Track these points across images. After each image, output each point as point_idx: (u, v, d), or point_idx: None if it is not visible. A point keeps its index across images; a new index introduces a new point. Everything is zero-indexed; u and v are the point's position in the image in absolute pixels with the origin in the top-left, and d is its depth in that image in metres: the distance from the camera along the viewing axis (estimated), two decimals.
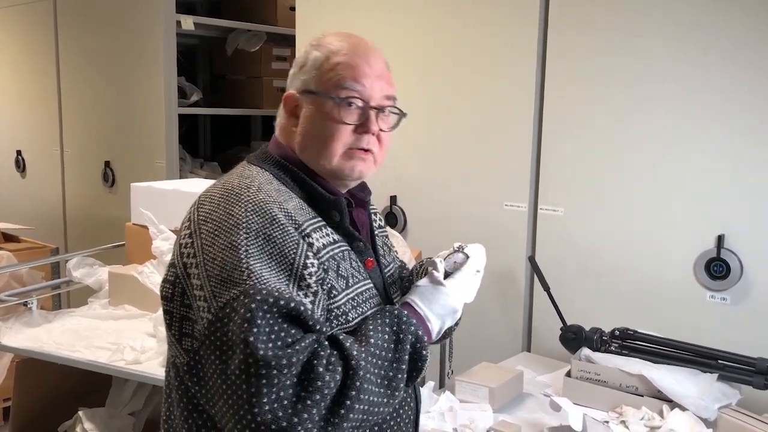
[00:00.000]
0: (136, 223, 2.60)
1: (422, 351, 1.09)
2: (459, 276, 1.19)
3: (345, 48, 1.17)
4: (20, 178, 4.44)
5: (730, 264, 1.93)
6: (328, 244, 1.12)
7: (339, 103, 1.14)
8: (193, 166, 3.88)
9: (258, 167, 1.17)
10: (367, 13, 2.61)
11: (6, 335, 2.18)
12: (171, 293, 1.10)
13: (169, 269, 1.12)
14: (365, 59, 1.17)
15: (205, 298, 1.03)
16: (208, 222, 1.08)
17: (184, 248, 1.09)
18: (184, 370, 1.07)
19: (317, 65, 1.17)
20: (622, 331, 1.88)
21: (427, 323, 1.14)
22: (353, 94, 1.15)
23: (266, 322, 0.96)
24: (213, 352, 1.00)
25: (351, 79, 1.15)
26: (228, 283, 1.00)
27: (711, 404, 1.68)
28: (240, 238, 1.02)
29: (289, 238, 1.05)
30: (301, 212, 1.11)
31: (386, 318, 1.09)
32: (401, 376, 1.05)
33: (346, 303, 1.11)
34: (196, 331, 1.05)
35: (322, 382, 0.96)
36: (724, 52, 1.91)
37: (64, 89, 4.00)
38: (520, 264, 2.32)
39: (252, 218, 1.05)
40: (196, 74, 4.21)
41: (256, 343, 0.94)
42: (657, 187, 2.05)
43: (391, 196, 2.60)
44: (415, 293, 1.16)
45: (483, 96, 2.36)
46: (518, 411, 1.81)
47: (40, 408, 2.39)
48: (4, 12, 4.38)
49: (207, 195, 1.13)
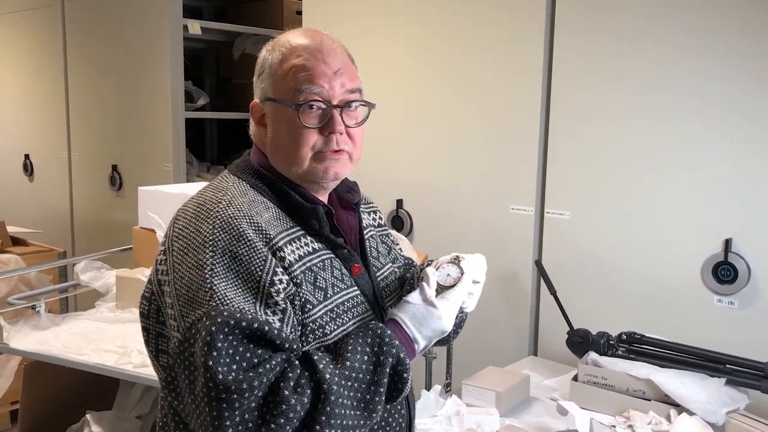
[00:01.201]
0: (143, 226, 2.61)
1: (403, 373, 1.05)
2: (452, 297, 1.12)
3: (299, 48, 1.11)
4: (28, 182, 4.46)
5: (738, 268, 1.92)
6: (305, 255, 1.09)
7: (299, 108, 1.09)
8: (199, 170, 3.89)
9: (236, 177, 1.15)
10: (374, 15, 2.62)
11: (14, 338, 2.19)
12: (147, 310, 1.09)
13: (147, 285, 1.11)
14: (321, 58, 1.11)
15: (175, 317, 1.02)
16: (179, 239, 1.06)
17: (159, 265, 1.08)
18: (163, 385, 1.07)
19: (272, 71, 1.12)
20: (629, 335, 1.87)
21: (413, 344, 1.09)
22: (312, 96, 1.09)
23: (227, 345, 0.94)
24: (183, 372, 1.00)
25: (307, 82, 1.09)
26: (194, 304, 0.99)
27: (719, 409, 1.67)
28: (206, 257, 1.01)
29: (255, 254, 1.02)
30: (276, 224, 1.08)
31: (367, 338, 1.05)
32: (378, 399, 1.02)
33: (323, 315, 1.08)
34: (170, 348, 1.04)
35: (287, 405, 0.94)
36: (732, 56, 1.91)
37: (72, 94, 4.02)
38: (527, 268, 2.32)
39: (219, 235, 1.03)
40: (202, 78, 4.23)
41: (215, 367, 0.93)
42: (664, 191, 2.05)
43: (397, 199, 2.60)
44: (405, 311, 1.11)
45: (489, 99, 2.36)
46: (525, 415, 1.81)
47: (48, 411, 2.40)
48: (13, 17, 4.41)
49: (183, 209, 1.12)
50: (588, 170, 2.18)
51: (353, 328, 1.11)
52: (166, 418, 1.14)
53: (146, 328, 1.10)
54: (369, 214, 1.33)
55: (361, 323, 1.12)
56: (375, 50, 2.57)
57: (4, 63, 4.58)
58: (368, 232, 1.28)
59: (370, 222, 1.31)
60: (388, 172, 2.58)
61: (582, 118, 2.18)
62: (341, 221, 1.19)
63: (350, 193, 1.23)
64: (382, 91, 2.56)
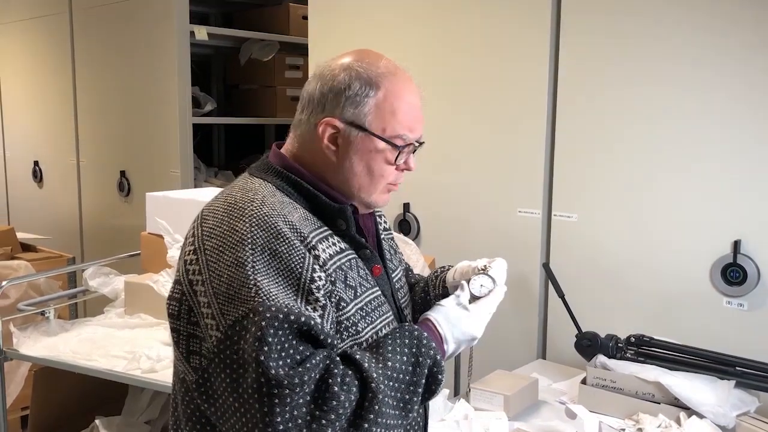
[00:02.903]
0: (151, 232, 2.62)
1: (438, 375, 1.07)
2: (485, 303, 1.17)
3: (399, 89, 1.16)
4: (37, 189, 4.48)
5: (747, 270, 1.91)
6: (334, 254, 1.11)
7: (399, 150, 1.15)
8: (207, 175, 3.90)
9: (260, 179, 1.16)
10: (380, 20, 2.62)
11: (24, 344, 2.20)
12: (177, 311, 1.09)
13: (175, 286, 1.11)
14: (415, 104, 1.17)
15: (213, 315, 1.02)
16: (212, 238, 1.06)
17: (189, 265, 1.08)
18: (192, 387, 1.06)
19: (374, 104, 1.14)
20: (638, 337, 1.86)
21: (444, 345, 1.12)
22: (409, 141, 1.16)
23: (277, 340, 0.95)
24: (223, 370, 1.00)
25: (408, 130, 1.16)
26: (236, 301, 1.00)
27: (729, 411, 1.66)
28: (246, 254, 1.02)
29: (295, 252, 1.04)
30: (306, 223, 1.10)
31: (405, 338, 1.07)
32: (416, 399, 1.05)
33: (356, 314, 1.10)
34: (204, 348, 1.04)
35: (337, 401, 0.95)
36: (740, 55, 1.90)
37: (80, 100, 4.04)
38: (535, 271, 2.31)
39: (257, 233, 1.04)
40: (210, 84, 4.24)
41: (267, 362, 0.94)
42: (672, 193, 2.04)
43: (404, 203, 2.60)
44: (439, 312, 1.14)
45: (496, 102, 2.36)
46: (533, 419, 1.81)
47: (58, 416, 2.41)
48: (22, 25, 4.44)
49: (210, 209, 1.12)
50: (595, 172, 2.17)
51: (381, 327, 1.13)
52: (179, 422, 1.13)
53: (176, 329, 1.10)
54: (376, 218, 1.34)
55: (388, 323, 1.16)
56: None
57: (13, 70, 4.62)
58: (382, 236, 1.30)
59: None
60: None
61: (589, 120, 2.17)
62: (361, 223, 1.21)
63: None
64: None
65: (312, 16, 2.84)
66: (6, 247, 3.35)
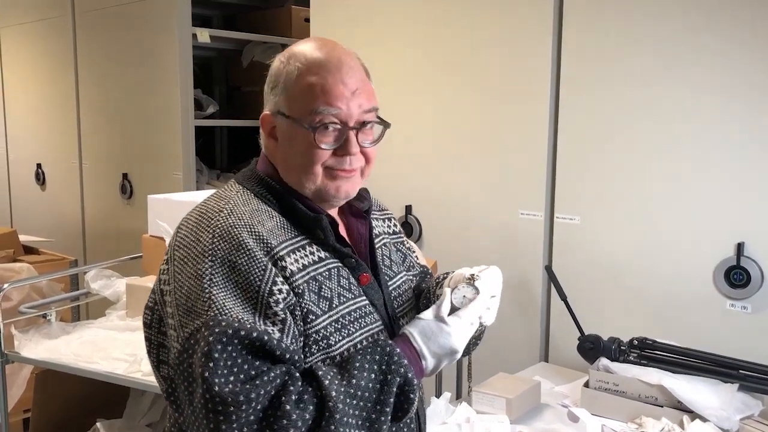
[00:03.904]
0: (153, 234, 2.62)
1: (410, 394, 1.03)
2: (464, 314, 1.09)
3: (315, 65, 1.09)
4: (40, 191, 4.49)
5: (751, 272, 1.90)
6: (309, 264, 1.07)
7: (315, 130, 1.07)
8: (209, 178, 3.91)
9: (241, 186, 1.14)
10: (381, 23, 2.62)
11: (26, 347, 2.20)
12: (150, 320, 1.09)
13: (150, 295, 1.11)
14: (339, 77, 1.08)
15: (174, 327, 1.01)
16: (180, 248, 1.06)
17: (162, 274, 1.08)
18: (164, 396, 1.06)
19: (287, 86, 1.10)
20: (641, 340, 1.85)
21: (421, 361, 1.07)
22: (328, 118, 1.07)
23: (225, 356, 0.93)
24: (182, 383, 0.99)
25: (324, 104, 1.07)
26: (192, 314, 0.98)
27: (732, 415, 1.65)
28: (205, 266, 1.00)
29: (254, 264, 1.01)
30: (279, 232, 1.07)
31: (375, 355, 1.03)
32: (384, 418, 1.00)
33: (328, 326, 1.06)
34: (170, 359, 1.03)
35: (288, 420, 0.93)
36: (744, 56, 1.89)
37: (83, 102, 4.05)
38: (537, 273, 2.31)
39: (218, 245, 1.02)
40: (212, 86, 4.25)
41: (212, 379, 0.92)
42: (675, 195, 2.03)
43: (406, 205, 2.59)
44: (416, 326, 1.09)
45: (498, 104, 2.36)
46: (536, 422, 1.80)
47: (59, 419, 2.41)
48: (24, 27, 4.45)
49: (186, 218, 1.11)
50: (598, 174, 2.17)
51: (361, 339, 1.10)
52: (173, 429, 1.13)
53: (149, 338, 1.10)
54: (384, 221, 1.31)
55: (372, 335, 1.11)
56: (382, 57, 2.57)
57: (15, 73, 4.63)
58: (381, 240, 1.26)
59: (384, 229, 1.29)
60: (396, 178, 2.58)
61: (591, 122, 2.17)
62: (351, 229, 1.18)
63: (360, 200, 1.21)
64: (391, 98, 2.55)
65: (314, 19, 2.84)
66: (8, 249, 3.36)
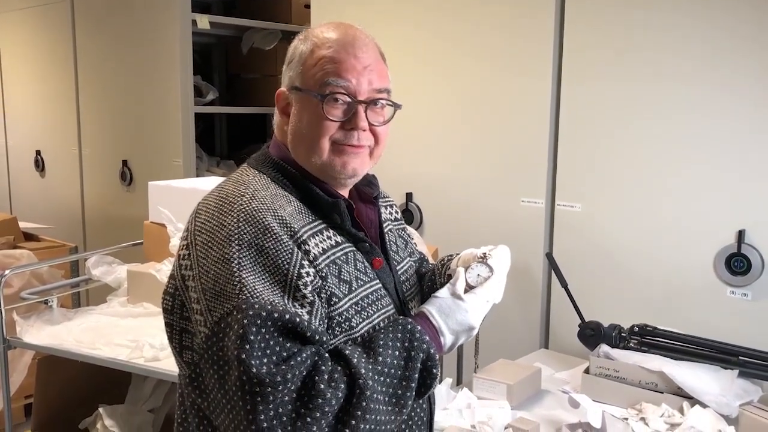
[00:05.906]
0: (154, 221, 2.62)
1: (432, 369, 1.05)
2: (480, 292, 1.13)
3: (330, 40, 1.11)
4: (40, 178, 4.48)
5: (751, 259, 1.91)
6: (328, 248, 1.08)
7: (323, 100, 1.09)
8: (209, 165, 3.90)
9: (256, 170, 1.14)
10: (382, 9, 2.61)
11: (27, 333, 2.21)
12: (171, 305, 1.09)
13: (169, 281, 1.11)
14: (351, 51, 1.10)
15: (201, 311, 1.01)
16: (203, 233, 1.06)
17: (182, 260, 1.08)
18: (186, 382, 1.06)
19: (302, 60, 1.12)
20: (642, 327, 1.86)
21: (440, 337, 1.09)
22: (338, 89, 1.09)
23: (260, 338, 0.94)
24: (211, 367, 0.99)
25: (335, 75, 1.09)
26: (221, 298, 0.99)
27: (732, 401, 1.66)
28: (232, 251, 1.00)
29: (282, 248, 1.02)
30: (298, 217, 1.08)
31: (398, 332, 1.05)
32: (410, 394, 1.02)
33: (349, 309, 1.08)
34: (195, 344, 1.03)
35: (323, 399, 0.94)
36: (745, 46, 1.89)
37: (82, 89, 4.03)
38: (538, 260, 2.31)
39: (244, 229, 1.02)
40: (212, 73, 4.23)
41: (249, 360, 0.93)
42: (676, 183, 2.03)
43: (407, 192, 2.59)
44: (433, 304, 1.11)
45: (499, 91, 2.35)
46: (536, 408, 1.81)
47: (61, 405, 2.42)
48: (22, 13, 4.43)
49: (204, 203, 1.11)
50: (599, 162, 2.17)
51: (379, 321, 1.11)
52: (186, 414, 1.13)
53: (170, 324, 1.09)
54: (386, 208, 1.32)
55: (388, 318, 1.13)
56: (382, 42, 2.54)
57: (14, 59, 4.61)
58: (387, 226, 1.28)
59: (387, 216, 1.31)
60: (397, 165, 2.57)
61: (593, 110, 2.17)
62: (361, 215, 1.19)
63: (370, 186, 1.23)
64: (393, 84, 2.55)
65: (314, 5, 2.83)
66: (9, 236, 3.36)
